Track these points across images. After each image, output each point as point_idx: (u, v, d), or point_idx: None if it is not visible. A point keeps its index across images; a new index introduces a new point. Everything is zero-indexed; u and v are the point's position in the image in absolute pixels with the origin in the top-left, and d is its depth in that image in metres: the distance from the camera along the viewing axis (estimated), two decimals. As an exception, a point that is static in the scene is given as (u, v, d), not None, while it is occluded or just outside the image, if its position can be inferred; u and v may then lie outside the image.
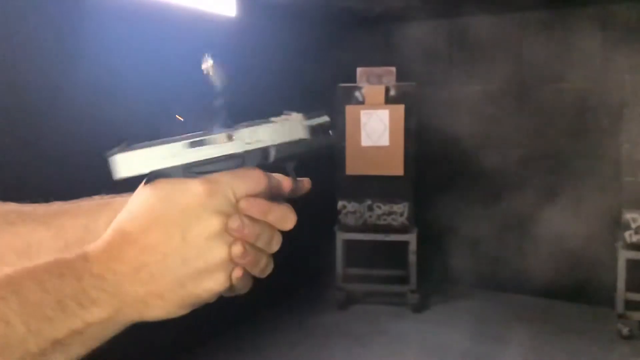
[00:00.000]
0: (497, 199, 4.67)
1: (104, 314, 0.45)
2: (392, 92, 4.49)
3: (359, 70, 4.51)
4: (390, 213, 4.31)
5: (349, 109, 4.41)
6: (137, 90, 3.14)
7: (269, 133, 0.54)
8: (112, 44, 2.98)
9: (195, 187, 0.48)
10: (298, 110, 0.58)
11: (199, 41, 3.63)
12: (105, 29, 2.96)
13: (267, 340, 3.74)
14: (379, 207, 4.33)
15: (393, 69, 4.52)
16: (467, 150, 4.78)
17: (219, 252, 0.48)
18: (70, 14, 2.77)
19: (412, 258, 4.27)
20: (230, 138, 0.53)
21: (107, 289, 0.45)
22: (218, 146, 0.52)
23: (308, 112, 0.58)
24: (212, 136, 0.52)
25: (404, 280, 4.32)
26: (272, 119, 0.56)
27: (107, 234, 0.48)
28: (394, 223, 4.31)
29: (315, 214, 4.59)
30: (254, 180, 0.51)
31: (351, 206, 4.35)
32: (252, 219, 0.50)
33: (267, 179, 0.52)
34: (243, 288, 0.52)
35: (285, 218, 0.52)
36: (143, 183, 0.51)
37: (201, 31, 3.65)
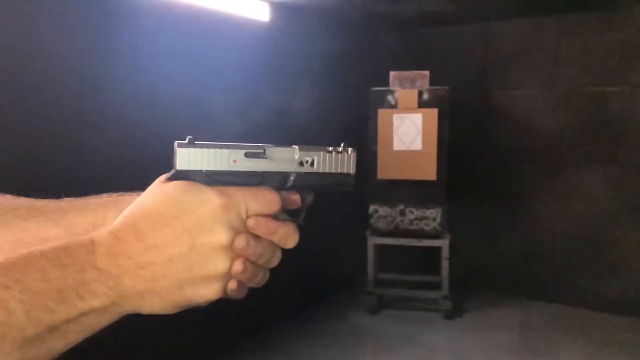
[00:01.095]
0: (534, 205, 4.57)
1: (101, 305, 0.46)
2: (426, 96, 4.45)
3: (392, 74, 4.49)
4: (422, 218, 4.27)
5: (382, 112, 4.39)
6: (173, 91, 3.21)
7: (324, 161, 0.57)
8: (150, 46, 3.06)
9: (213, 200, 0.50)
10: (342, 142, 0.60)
11: (233, 45, 3.68)
12: (143, 31, 3.03)
13: (297, 343, 3.74)
14: (411, 212, 4.28)
15: (426, 72, 4.48)
16: (502, 156, 4.70)
17: (221, 264, 0.50)
18: (111, 16, 2.85)
19: (445, 264, 4.21)
20: (290, 155, 0.55)
21: (108, 282, 0.46)
22: (272, 162, 0.54)
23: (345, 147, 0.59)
24: (274, 149, 0.54)
25: (436, 286, 4.27)
26: (329, 148, 0.58)
27: (117, 223, 0.49)
28: (427, 228, 4.26)
29: (347, 218, 4.59)
30: (268, 202, 0.53)
31: (383, 210, 4.32)
32: (257, 237, 0.52)
33: (280, 203, 0.54)
34: (237, 295, 0.53)
35: (289, 238, 0.54)
36: (164, 179, 0.52)
37: (235, 35, 3.70)
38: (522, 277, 4.62)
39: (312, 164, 0.57)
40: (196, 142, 0.52)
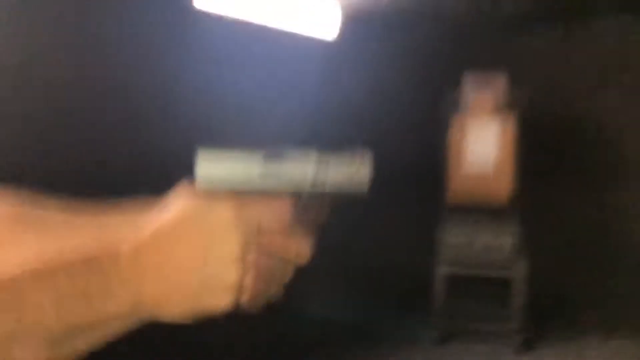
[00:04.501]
0: (621, 232, 4.18)
1: (122, 311, 0.51)
2: (502, 101, 4.12)
3: (466, 77, 4.14)
4: (493, 246, 4.02)
5: (456, 119, 4.10)
6: (244, 105, 3.30)
7: (338, 172, 0.57)
8: (218, 59, 3.15)
9: (227, 212, 0.53)
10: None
11: (300, 59, 3.67)
12: (216, 46, 3.13)
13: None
14: (482, 239, 4.04)
15: (503, 76, 4.09)
16: (586, 173, 4.27)
17: (232, 276, 0.53)
18: (186, 33, 2.97)
19: (518, 295, 3.98)
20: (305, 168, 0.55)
21: (129, 291, 0.51)
22: (288, 173, 0.55)
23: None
24: (290, 161, 0.55)
25: (508, 317, 4.06)
26: (343, 159, 0.57)
27: (140, 236, 0.53)
28: (498, 257, 4.02)
29: (415, 244, 4.41)
30: (281, 215, 0.55)
31: (452, 237, 4.09)
32: (269, 251, 0.54)
33: (293, 216, 0.55)
34: (251, 308, 0.56)
35: (301, 254, 0.56)
36: (183, 187, 0.55)
37: (301, 50, 3.70)
38: (605, 311, 4.31)
39: (326, 175, 0.57)
40: (218, 154, 0.54)
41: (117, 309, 0.51)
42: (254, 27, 3.25)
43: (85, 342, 0.51)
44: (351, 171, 0.57)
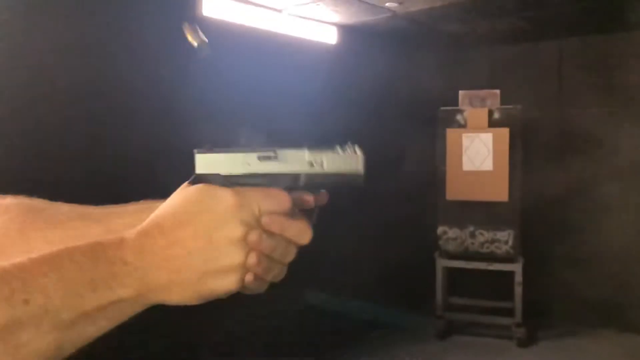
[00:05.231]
0: (616, 232, 4.31)
1: (128, 295, 0.51)
2: (496, 115, 4.33)
3: (461, 93, 4.40)
4: (493, 241, 4.12)
5: (450, 132, 4.30)
6: (244, 107, 3.29)
7: (333, 161, 0.60)
8: (224, 65, 3.17)
9: (228, 198, 0.55)
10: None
11: (302, 66, 3.76)
12: (219, 51, 3.13)
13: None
14: (482, 234, 4.15)
15: (497, 91, 4.37)
16: (579, 177, 4.48)
17: (236, 257, 0.54)
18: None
19: (518, 289, 4.03)
20: (300, 157, 0.59)
21: (135, 274, 0.51)
22: (284, 164, 0.59)
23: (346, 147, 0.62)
24: (285, 151, 0.59)
25: (509, 312, 4.09)
26: (338, 148, 0.61)
27: (145, 223, 0.55)
28: (498, 251, 4.11)
29: (415, 239, 4.50)
30: (279, 201, 0.57)
31: (452, 232, 4.21)
32: (270, 233, 0.56)
33: (290, 202, 0.57)
34: (257, 289, 0.58)
35: (302, 234, 0.58)
36: (187, 183, 0.58)
37: (305, 57, 3.80)
38: (604, 306, 4.34)
39: (321, 165, 0.60)
40: (214, 148, 0.58)
41: (123, 294, 0.50)
42: (261, 34, 3.40)
43: (93, 328, 0.50)
44: (344, 158, 0.60)
